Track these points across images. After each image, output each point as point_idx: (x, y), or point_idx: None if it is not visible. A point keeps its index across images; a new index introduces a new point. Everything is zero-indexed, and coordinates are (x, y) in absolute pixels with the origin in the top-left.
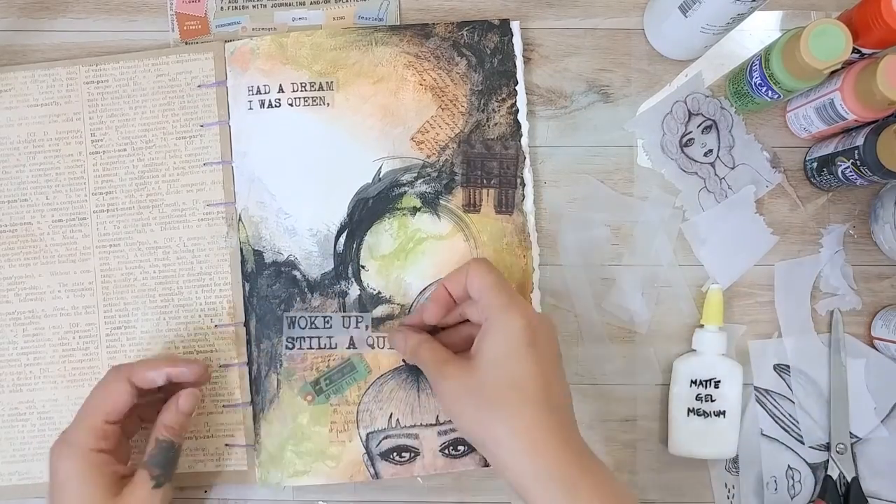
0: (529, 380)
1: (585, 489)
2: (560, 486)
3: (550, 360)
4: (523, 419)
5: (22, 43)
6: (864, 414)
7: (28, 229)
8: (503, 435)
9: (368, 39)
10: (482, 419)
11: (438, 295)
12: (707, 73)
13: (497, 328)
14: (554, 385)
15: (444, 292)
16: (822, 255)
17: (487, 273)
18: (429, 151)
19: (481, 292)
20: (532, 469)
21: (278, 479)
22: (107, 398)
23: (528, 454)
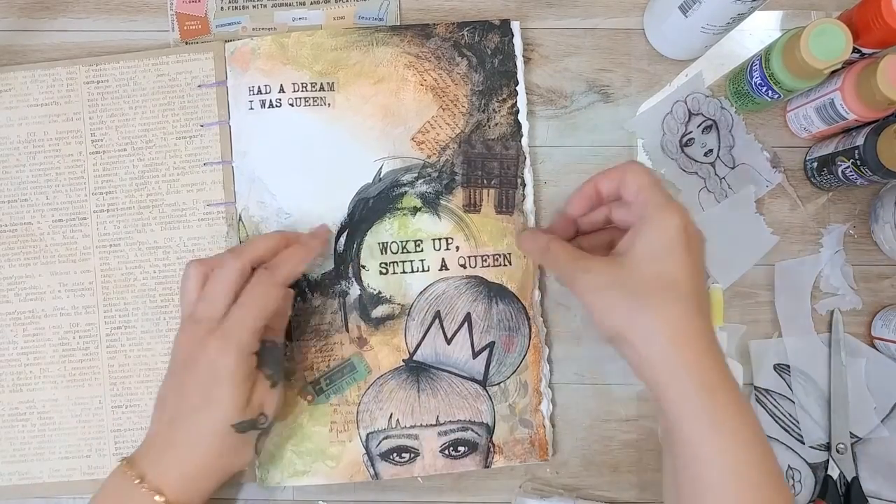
0: (685, 278)
1: (721, 395)
2: (698, 386)
3: (701, 266)
4: (674, 314)
5: (22, 43)
6: (864, 414)
7: (28, 229)
8: (650, 326)
9: (369, 40)
10: (630, 310)
11: (587, 190)
12: (707, 73)
13: (655, 224)
14: (703, 290)
15: (593, 188)
16: (823, 255)
17: (646, 173)
18: (429, 151)
19: (640, 190)
20: (674, 363)
21: (278, 479)
22: (266, 303)
23: (673, 346)
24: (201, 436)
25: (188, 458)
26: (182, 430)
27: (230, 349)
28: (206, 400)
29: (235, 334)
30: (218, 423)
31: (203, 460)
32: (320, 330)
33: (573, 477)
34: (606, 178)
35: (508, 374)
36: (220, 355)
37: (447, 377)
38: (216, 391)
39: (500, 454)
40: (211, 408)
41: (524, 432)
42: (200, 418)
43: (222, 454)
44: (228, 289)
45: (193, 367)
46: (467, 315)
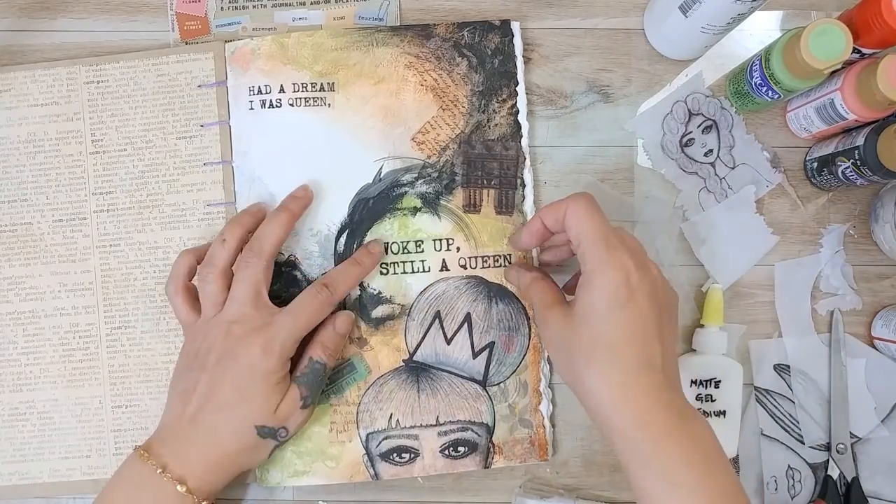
0: (622, 341)
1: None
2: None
3: (649, 317)
4: (614, 377)
5: (22, 43)
6: (864, 414)
7: (28, 229)
8: (593, 388)
9: (369, 40)
10: (575, 371)
11: (533, 227)
12: (707, 73)
13: (593, 283)
14: (651, 344)
15: (539, 224)
16: (823, 255)
17: (586, 218)
18: (429, 152)
19: (578, 240)
20: (619, 421)
21: (278, 480)
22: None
23: (616, 406)
24: (227, 430)
25: (211, 450)
26: (208, 422)
27: (274, 350)
28: (239, 396)
29: (280, 337)
30: (245, 421)
31: (225, 454)
32: None
33: (573, 477)
34: (549, 214)
35: (508, 374)
36: (263, 355)
37: (447, 377)
38: (252, 389)
39: (500, 454)
40: (243, 404)
41: (524, 432)
42: (230, 413)
43: (241, 451)
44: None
45: (232, 364)
46: (467, 315)
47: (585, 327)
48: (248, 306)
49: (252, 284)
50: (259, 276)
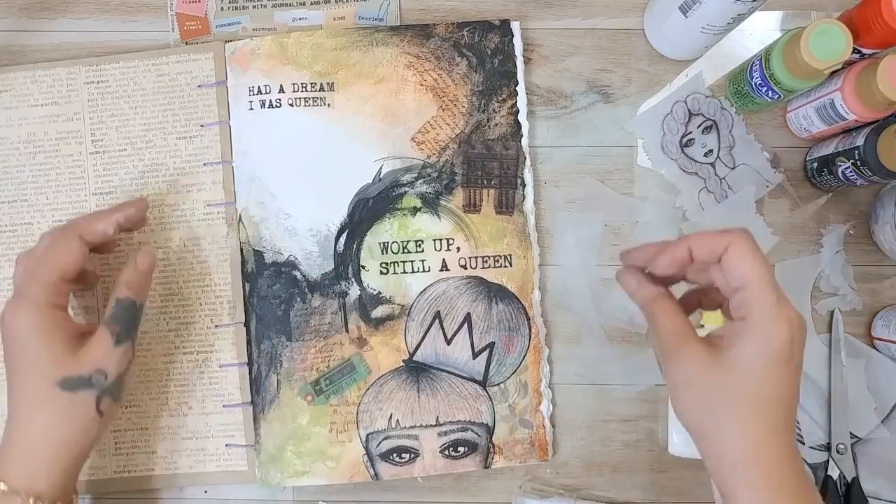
0: (775, 399)
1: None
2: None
3: (798, 376)
4: (758, 434)
5: (22, 43)
6: (864, 414)
7: (28, 229)
8: (730, 440)
9: (369, 40)
10: (713, 418)
11: (677, 253)
12: (707, 73)
13: (757, 335)
14: (793, 405)
15: (685, 253)
16: (823, 255)
17: (753, 261)
18: (429, 152)
19: (742, 284)
20: (748, 480)
21: (278, 480)
22: (59, 256)
23: (749, 465)
24: (28, 405)
25: (24, 438)
26: (12, 410)
27: (19, 306)
28: (18, 366)
29: (23, 292)
30: (37, 384)
31: (38, 434)
32: (320, 330)
33: (573, 477)
34: (702, 246)
35: (508, 374)
36: (11, 317)
37: (447, 377)
38: (21, 354)
39: (500, 454)
40: (25, 371)
41: (524, 433)
42: (21, 389)
43: (55, 421)
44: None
45: (6, 351)
46: (467, 315)
47: (738, 377)
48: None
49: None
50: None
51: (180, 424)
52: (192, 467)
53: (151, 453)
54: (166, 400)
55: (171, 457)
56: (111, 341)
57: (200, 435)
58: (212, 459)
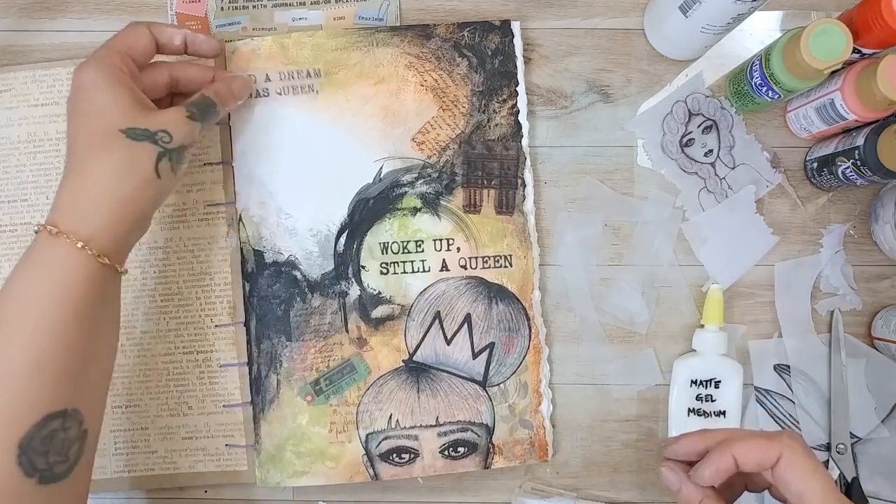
0: None
1: None
2: None
3: None
4: None
5: (22, 43)
6: (864, 414)
7: (28, 229)
8: None
9: (370, 40)
10: None
11: (722, 464)
12: (707, 73)
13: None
14: None
15: (731, 464)
16: (823, 255)
17: (812, 476)
18: (429, 152)
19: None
20: None
21: (278, 480)
22: (127, 35)
23: None
24: (89, 150)
25: (80, 184)
26: (73, 162)
27: (89, 62)
28: (82, 114)
29: (94, 55)
30: (100, 129)
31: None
32: (320, 330)
33: (573, 477)
34: (751, 453)
35: (508, 374)
36: (81, 71)
37: (447, 378)
38: (88, 102)
39: (500, 455)
40: (90, 118)
41: (524, 433)
42: (83, 135)
43: (113, 167)
44: None
45: (71, 107)
46: (467, 316)
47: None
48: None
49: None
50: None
51: (180, 424)
52: (191, 467)
53: (151, 453)
54: (166, 400)
55: (171, 457)
56: (185, 112)
57: (200, 435)
58: (212, 459)
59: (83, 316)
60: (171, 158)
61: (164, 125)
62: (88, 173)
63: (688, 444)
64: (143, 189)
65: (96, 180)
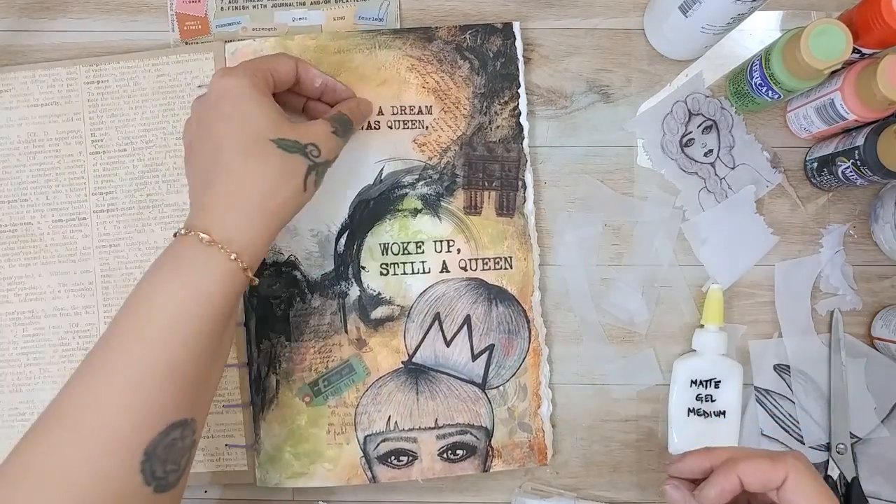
0: None
1: None
2: None
3: None
4: None
5: (22, 43)
6: (864, 414)
7: (28, 229)
8: None
9: (372, 42)
10: None
11: (727, 484)
12: (707, 73)
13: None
14: None
15: (736, 484)
16: (823, 255)
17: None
18: (430, 153)
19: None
20: None
21: (277, 480)
22: (275, 59)
23: None
24: (241, 156)
25: (235, 188)
26: (224, 174)
27: (235, 71)
28: (228, 121)
29: (237, 67)
30: (252, 136)
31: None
32: (319, 331)
33: (573, 477)
34: (756, 473)
35: (508, 377)
36: (225, 77)
37: (446, 380)
38: (235, 108)
39: (499, 458)
40: (238, 125)
41: (523, 436)
42: (231, 141)
43: (269, 173)
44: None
45: (214, 110)
46: (467, 317)
47: None
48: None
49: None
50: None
51: None
52: (191, 467)
53: None
54: None
55: None
56: (329, 128)
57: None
58: (211, 459)
59: (219, 326)
60: (317, 173)
61: (314, 138)
62: (242, 180)
63: (692, 462)
64: (292, 201)
65: (251, 189)
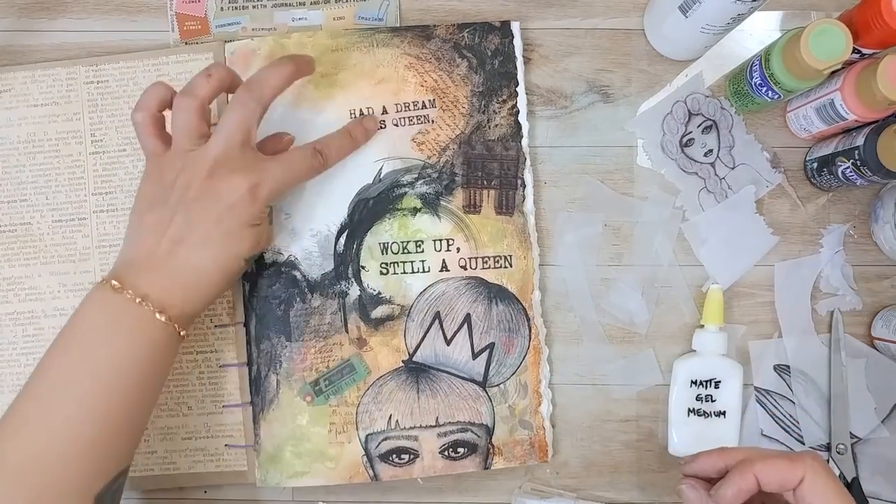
0: None
1: None
2: None
3: None
4: None
5: (22, 43)
6: (864, 414)
7: (28, 229)
8: None
9: (370, 41)
10: None
11: (744, 484)
12: (707, 73)
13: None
14: None
15: (753, 484)
16: (823, 256)
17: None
18: (429, 152)
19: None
20: None
21: (277, 480)
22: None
23: None
24: (212, 265)
25: (194, 284)
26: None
27: (260, 197)
28: (225, 236)
29: (268, 185)
30: (235, 257)
31: (207, 287)
32: (319, 331)
33: (573, 477)
34: (774, 474)
35: (508, 375)
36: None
37: (447, 378)
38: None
39: (500, 456)
40: (229, 243)
41: (524, 434)
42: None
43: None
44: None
45: (215, 204)
46: (467, 316)
47: None
48: (237, 148)
49: (244, 125)
50: (252, 120)
51: (180, 424)
52: (191, 467)
53: (151, 453)
54: (166, 400)
55: (171, 457)
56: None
57: (200, 435)
58: (211, 460)
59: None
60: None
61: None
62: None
63: (707, 461)
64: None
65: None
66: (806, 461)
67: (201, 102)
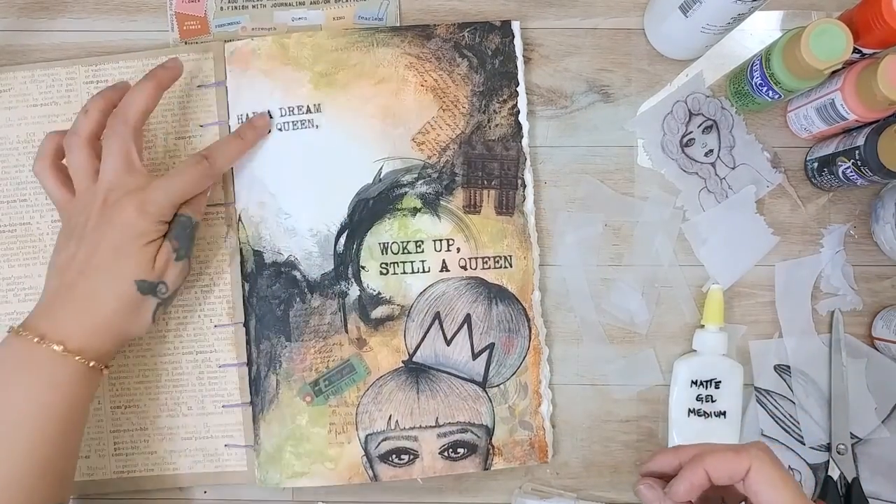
0: None
1: None
2: None
3: None
4: None
5: (22, 43)
6: (864, 414)
7: (28, 229)
8: None
9: (370, 40)
10: None
11: (696, 479)
12: (707, 73)
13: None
14: None
15: (703, 478)
16: (823, 256)
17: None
18: (429, 152)
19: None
20: None
21: (277, 480)
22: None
23: None
24: (106, 290)
25: (88, 312)
26: (85, 286)
27: (149, 212)
28: (116, 255)
29: (156, 199)
30: (124, 278)
31: (103, 315)
32: (319, 331)
33: (573, 477)
34: (721, 466)
35: (508, 375)
36: (138, 216)
37: (447, 378)
38: (128, 248)
39: (500, 456)
40: (120, 262)
41: (524, 434)
42: (108, 274)
43: (120, 311)
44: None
45: (108, 228)
46: (467, 316)
47: None
48: (122, 172)
49: (122, 151)
50: (128, 142)
51: (179, 425)
52: (191, 468)
53: (151, 454)
54: (165, 400)
55: (171, 457)
56: (173, 255)
57: (200, 435)
58: (211, 460)
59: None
60: (165, 305)
61: (161, 275)
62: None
63: (662, 460)
64: (139, 330)
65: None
66: (751, 451)
67: (86, 138)
